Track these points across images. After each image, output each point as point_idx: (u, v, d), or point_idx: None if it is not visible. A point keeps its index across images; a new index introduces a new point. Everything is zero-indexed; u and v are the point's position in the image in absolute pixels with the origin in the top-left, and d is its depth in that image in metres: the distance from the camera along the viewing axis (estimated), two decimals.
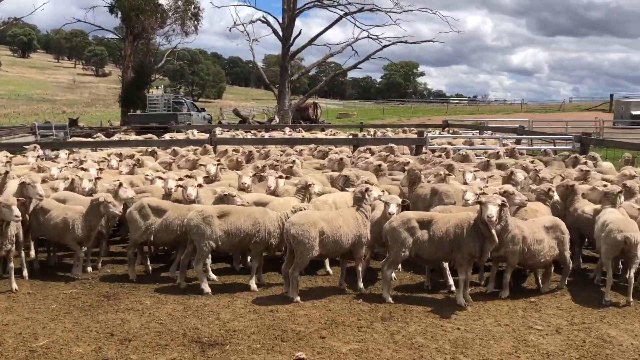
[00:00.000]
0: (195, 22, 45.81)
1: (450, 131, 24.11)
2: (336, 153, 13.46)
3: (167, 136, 20.47)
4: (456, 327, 6.14)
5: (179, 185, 8.68)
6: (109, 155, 13.28)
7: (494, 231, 6.66)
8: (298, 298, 6.87)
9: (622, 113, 44.65)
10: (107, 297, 7.07)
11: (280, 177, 9.66)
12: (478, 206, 6.84)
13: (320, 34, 39.87)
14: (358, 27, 38.63)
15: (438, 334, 5.96)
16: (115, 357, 5.41)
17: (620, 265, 7.95)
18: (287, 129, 25.51)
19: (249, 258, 8.11)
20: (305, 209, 7.44)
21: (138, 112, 37.06)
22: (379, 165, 11.40)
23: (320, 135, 21.59)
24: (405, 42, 40.01)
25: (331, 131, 24.04)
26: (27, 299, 7.02)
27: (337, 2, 38.88)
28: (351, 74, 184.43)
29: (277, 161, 12.24)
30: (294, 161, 11.63)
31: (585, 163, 11.88)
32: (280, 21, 38.65)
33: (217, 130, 20.32)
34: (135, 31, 43.28)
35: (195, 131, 22.51)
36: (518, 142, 18.75)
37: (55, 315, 6.47)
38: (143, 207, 7.75)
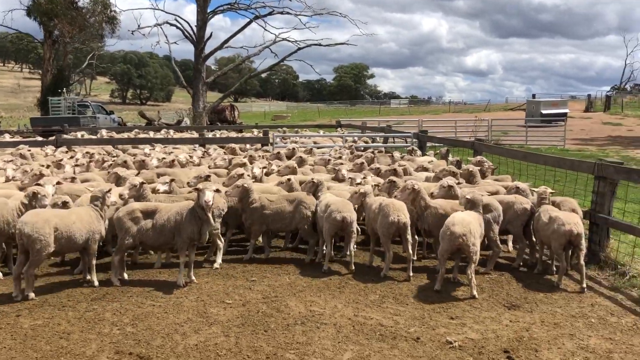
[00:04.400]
0: (112, 26, 45.81)
1: (338, 131, 24.90)
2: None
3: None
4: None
5: None
6: None
7: (210, 215, 7.40)
8: (33, 295, 7.00)
9: (533, 112, 46.21)
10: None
11: None
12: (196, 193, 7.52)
13: (232, 37, 40.44)
14: (267, 30, 39.36)
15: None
16: None
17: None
18: (194, 132, 25.81)
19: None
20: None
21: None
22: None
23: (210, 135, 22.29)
24: (320, 44, 40.86)
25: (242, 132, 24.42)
26: None
27: (249, 5, 39.49)
28: (304, 77, 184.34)
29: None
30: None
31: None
32: (195, 24, 39.05)
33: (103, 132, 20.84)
34: (53, 35, 43.10)
35: (84, 133, 22.97)
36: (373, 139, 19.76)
37: None
38: None
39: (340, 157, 13.28)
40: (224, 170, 11.57)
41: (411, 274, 7.80)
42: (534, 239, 8.38)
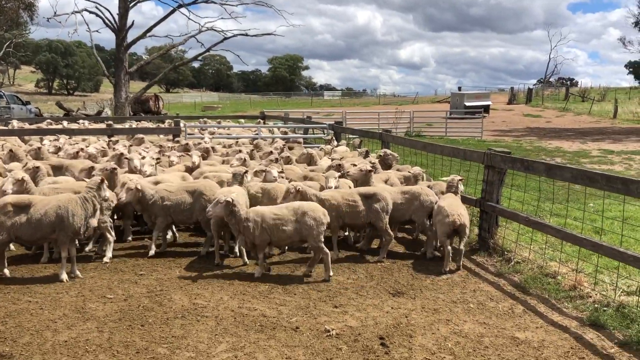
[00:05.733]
0: (30, 13, 43.95)
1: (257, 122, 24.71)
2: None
3: None
4: None
5: None
6: None
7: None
8: None
9: (457, 104, 47.38)
10: None
11: None
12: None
13: (155, 25, 39.45)
14: (191, 19, 38.70)
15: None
16: None
17: None
18: (112, 122, 24.99)
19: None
20: None
21: None
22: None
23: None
24: (246, 34, 40.47)
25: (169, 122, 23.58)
26: None
27: None
28: (238, 67, 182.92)
29: None
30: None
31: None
32: (116, 12, 37.96)
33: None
34: None
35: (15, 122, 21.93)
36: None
37: None
38: None
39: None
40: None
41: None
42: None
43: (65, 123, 21.66)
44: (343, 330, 5.85)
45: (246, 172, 8.84)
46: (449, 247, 7.81)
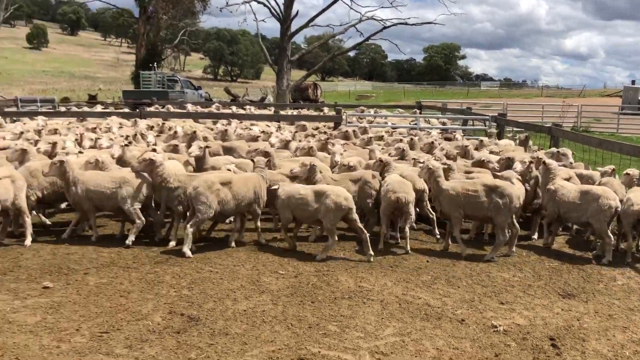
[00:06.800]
0: (204, 3, 47.05)
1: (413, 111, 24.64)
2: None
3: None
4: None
5: None
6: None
7: None
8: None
9: (630, 99, 43.78)
10: None
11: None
12: None
13: (318, 15, 40.52)
14: (353, 9, 39.22)
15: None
16: None
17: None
18: (273, 108, 26.25)
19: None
20: None
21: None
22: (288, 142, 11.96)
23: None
24: (405, 23, 40.34)
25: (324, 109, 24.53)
26: None
27: None
28: (393, 56, 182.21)
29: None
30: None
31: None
32: (282, 2, 39.44)
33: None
34: (147, 11, 44.82)
35: (170, 106, 23.98)
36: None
37: None
38: None
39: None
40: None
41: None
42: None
43: (234, 108, 23.00)
44: (510, 327, 5.75)
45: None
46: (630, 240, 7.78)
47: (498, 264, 7.78)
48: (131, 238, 8.06)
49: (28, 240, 8.01)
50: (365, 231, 7.83)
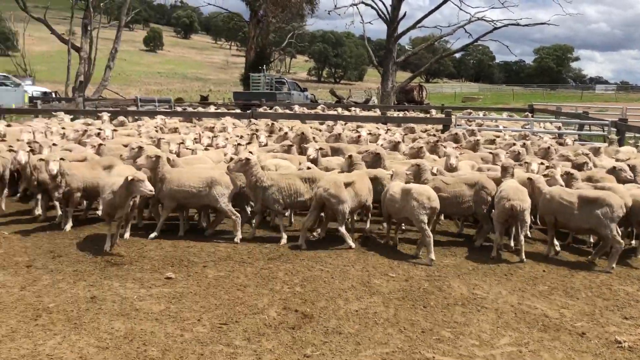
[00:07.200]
0: (312, 6, 47.77)
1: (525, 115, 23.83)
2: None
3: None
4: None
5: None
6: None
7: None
8: None
9: None
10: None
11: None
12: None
13: (426, 16, 39.89)
14: (462, 10, 38.40)
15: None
16: None
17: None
18: (377, 110, 26.29)
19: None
20: None
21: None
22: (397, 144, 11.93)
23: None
24: (517, 24, 39.01)
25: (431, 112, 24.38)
26: None
27: None
28: (501, 58, 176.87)
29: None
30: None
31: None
32: (389, 3, 39.32)
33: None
34: (258, 15, 46.13)
35: (278, 107, 24.67)
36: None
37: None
38: None
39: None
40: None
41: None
42: None
43: (339, 109, 23.21)
44: (637, 344, 5.43)
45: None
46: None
47: (620, 276, 7.39)
48: (238, 235, 8.37)
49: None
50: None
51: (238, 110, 24.78)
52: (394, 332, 5.52)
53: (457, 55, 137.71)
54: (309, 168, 8.88)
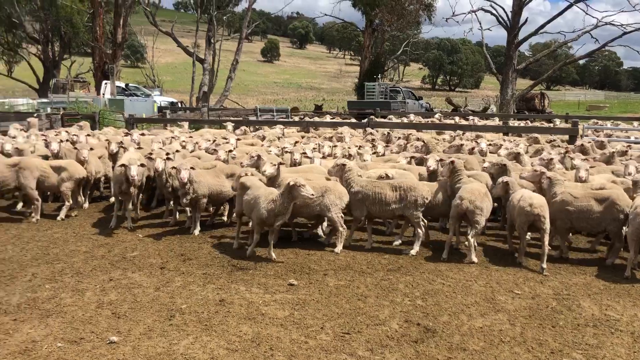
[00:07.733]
0: (429, 13, 47.31)
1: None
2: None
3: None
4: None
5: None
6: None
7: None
8: None
9: None
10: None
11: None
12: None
13: (548, 22, 38.27)
14: (588, 14, 36.48)
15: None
16: None
17: None
18: (496, 119, 25.55)
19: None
20: None
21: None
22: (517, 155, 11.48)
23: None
24: None
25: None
26: None
27: None
28: (629, 64, 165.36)
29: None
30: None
31: None
32: (509, 9, 38.18)
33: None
34: (373, 24, 46.37)
35: (392, 116, 24.71)
36: None
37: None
38: None
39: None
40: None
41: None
42: None
43: (456, 118, 22.80)
44: None
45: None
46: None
47: None
48: (339, 246, 8.42)
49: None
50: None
51: (353, 120, 24.93)
52: (521, 351, 5.34)
53: (581, 61, 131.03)
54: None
